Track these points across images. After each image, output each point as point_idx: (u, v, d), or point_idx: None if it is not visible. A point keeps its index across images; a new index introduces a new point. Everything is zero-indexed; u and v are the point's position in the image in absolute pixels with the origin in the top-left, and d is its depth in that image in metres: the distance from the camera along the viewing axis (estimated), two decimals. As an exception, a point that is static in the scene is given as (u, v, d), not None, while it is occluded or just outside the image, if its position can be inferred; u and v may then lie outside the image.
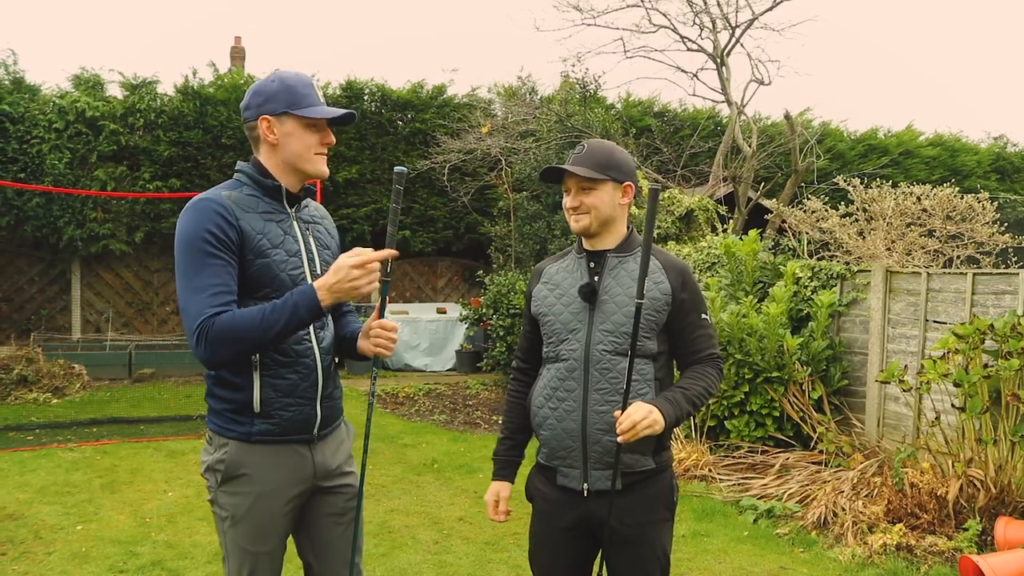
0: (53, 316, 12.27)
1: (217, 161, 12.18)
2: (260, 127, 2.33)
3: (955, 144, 16.36)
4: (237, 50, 14.55)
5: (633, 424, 2.19)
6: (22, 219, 11.43)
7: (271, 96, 2.31)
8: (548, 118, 11.32)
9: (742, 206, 10.68)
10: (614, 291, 2.43)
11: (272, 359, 2.29)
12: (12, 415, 8.38)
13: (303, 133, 2.32)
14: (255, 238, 2.25)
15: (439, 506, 5.69)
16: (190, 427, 8.01)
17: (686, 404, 2.35)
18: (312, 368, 2.35)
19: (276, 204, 2.36)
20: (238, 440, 2.32)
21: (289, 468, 2.36)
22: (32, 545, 4.80)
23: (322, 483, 2.43)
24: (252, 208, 2.29)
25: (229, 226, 2.20)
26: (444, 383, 10.85)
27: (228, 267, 2.19)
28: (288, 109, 2.30)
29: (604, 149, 2.46)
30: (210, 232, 2.17)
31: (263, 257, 2.26)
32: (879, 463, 5.64)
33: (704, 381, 2.44)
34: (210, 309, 2.13)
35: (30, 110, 11.43)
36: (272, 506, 2.34)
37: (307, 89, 2.33)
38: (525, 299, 2.66)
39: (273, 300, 2.21)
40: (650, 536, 2.45)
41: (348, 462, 2.54)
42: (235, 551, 2.37)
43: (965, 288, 5.66)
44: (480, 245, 13.03)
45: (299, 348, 2.33)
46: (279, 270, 2.28)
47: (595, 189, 2.43)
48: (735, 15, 12.06)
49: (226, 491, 2.35)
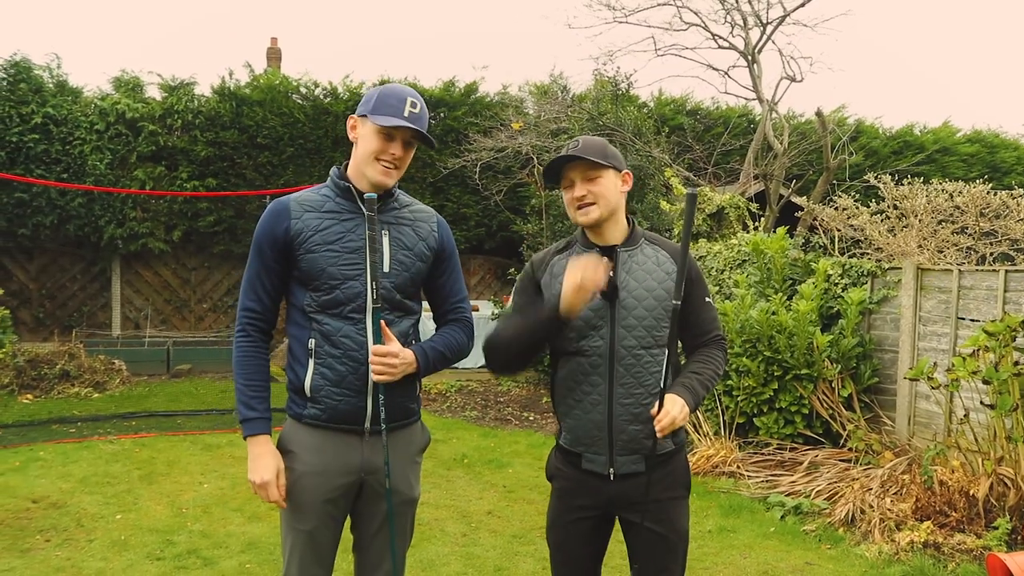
0: (94, 313, 12.55)
1: (253, 160, 12.37)
2: (348, 125, 2.53)
3: (994, 140, 16.06)
4: (273, 51, 14.76)
5: (673, 420, 2.27)
6: (65, 218, 11.70)
7: (367, 99, 2.46)
8: (580, 116, 11.34)
9: (773, 204, 10.63)
10: (631, 286, 2.48)
11: (324, 350, 2.42)
12: (55, 408, 8.62)
13: (373, 137, 2.43)
14: (306, 235, 2.42)
15: (468, 500, 5.77)
16: (226, 421, 8.17)
17: (702, 390, 2.44)
18: (361, 362, 2.42)
19: (348, 204, 2.48)
20: (292, 418, 2.50)
21: (334, 455, 2.45)
22: (74, 532, 4.96)
23: (370, 478, 2.49)
24: (316, 207, 2.46)
25: (279, 228, 2.43)
26: (476, 380, 10.93)
27: (269, 269, 2.46)
28: (368, 113, 2.42)
29: (598, 141, 2.51)
30: (263, 235, 2.46)
31: (311, 252, 2.41)
32: (909, 461, 5.61)
33: (713, 364, 2.52)
34: (245, 306, 2.49)
35: (73, 112, 11.69)
36: (312, 487, 2.44)
37: (396, 101, 2.42)
38: (525, 286, 2.62)
39: (331, 296, 2.43)
40: (670, 514, 2.51)
41: (408, 466, 2.57)
42: (284, 524, 2.52)
43: (997, 285, 5.61)
44: (512, 243, 13.07)
45: (348, 341, 2.42)
46: (327, 264, 2.41)
47: (600, 177, 2.47)
48: (766, 12, 12.02)
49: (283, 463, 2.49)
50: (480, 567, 4.56)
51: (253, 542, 4.83)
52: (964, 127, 16.15)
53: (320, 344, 2.42)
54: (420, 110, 2.45)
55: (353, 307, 2.42)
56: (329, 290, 2.41)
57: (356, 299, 2.42)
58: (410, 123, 2.40)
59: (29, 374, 9.47)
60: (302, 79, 12.80)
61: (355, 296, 2.42)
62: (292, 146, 12.43)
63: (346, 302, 2.42)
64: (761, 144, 11.89)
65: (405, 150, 2.47)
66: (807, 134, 12.65)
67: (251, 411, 2.43)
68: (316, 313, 2.43)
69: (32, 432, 7.55)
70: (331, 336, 2.41)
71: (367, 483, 2.50)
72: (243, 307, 2.48)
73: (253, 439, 2.42)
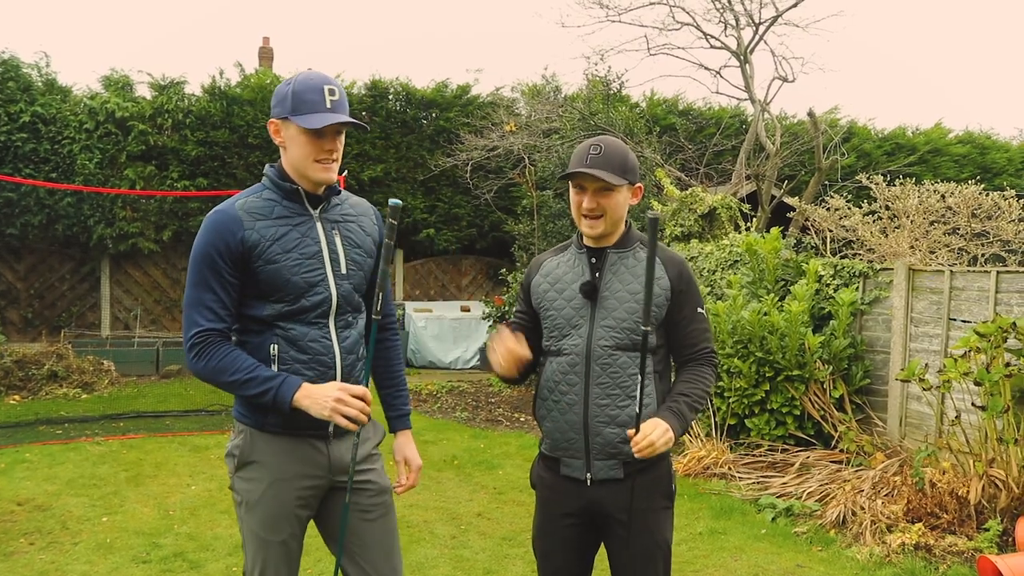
0: (83, 313, 12.47)
1: (244, 160, 12.31)
2: (269, 129, 2.39)
3: (985, 142, 16.12)
4: (265, 51, 14.68)
5: (651, 444, 2.24)
6: (54, 218, 11.62)
7: (281, 99, 2.32)
8: (571, 116, 11.33)
9: (765, 204, 10.61)
10: (615, 287, 2.46)
11: (290, 355, 2.33)
12: (43, 409, 8.56)
13: (302, 140, 2.30)
14: (263, 245, 2.29)
15: (458, 502, 5.73)
16: (215, 422, 8.12)
17: (689, 413, 2.41)
18: (330, 367, 2.38)
19: (296, 207, 2.38)
20: (252, 428, 2.39)
21: (301, 459, 2.39)
22: (59, 535, 4.90)
23: (339, 478, 2.44)
24: (266, 214, 2.33)
25: (233, 239, 2.27)
26: (467, 380, 10.90)
27: (225, 284, 2.29)
28: (289, 115, 2.30)
29: (620, 151, 2.45)
30: (213, 248, 2.28)
31: (272, 263, 2.30)
32: (900, 462, 5.60)
33: (702, 383, 2.48)
34: (199, 325, 2.27)
35: (62, 111, 11.61)
36: (283, 495, 2.37)
37: (313, 95, 2.29)
38: (522, 289, 2.67)
39: (278, 343, 2.33)
40: (650, 524, 2.47)
41: (371, 459, 2.52)
42: (250, 538, 2.41)
43: (989, 286, 5.60)
44: (504, 243, 13.05)
45: (316, 346, 2.36)
46: (291, 274, 2.31)
47: (614, 192, 2.44)
48: (759, 12, 12.00)
49: (241, 476, 2.41)
50: (469, 569, 4.52)
51: (240, 545, 4.77)
52: (957, 128, 16.20)
53: (285, 350, 2.33)
54: (339, 95, 2.32)
55: (318, 313, 2.36)
56: (294, 300, 2.32)
57: (321, 305, 2.36)
58: (336, 115, 2.30)
59: (16, 375, 9.41)
60: (293, 79, 12.72)
61: (320, 303, 2.36)
62: (283, 146, 12.35)
63: (312, 308, 2.35)
64: (753, 144, 11.88)
65: (338, 139, 2.36)
66: (799, 135, 12.65)
67: (274, 378, 2.27)
68: (278, 320, 2.33)
69: (18, 433, 7.49)
70: (297, 341, 2.33)
71: (336, 484, 2.44)
72: (201, 328, 2.27)
73: (297, 395, 2.25)
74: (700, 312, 2.53)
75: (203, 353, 2.27)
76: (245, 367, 2.26)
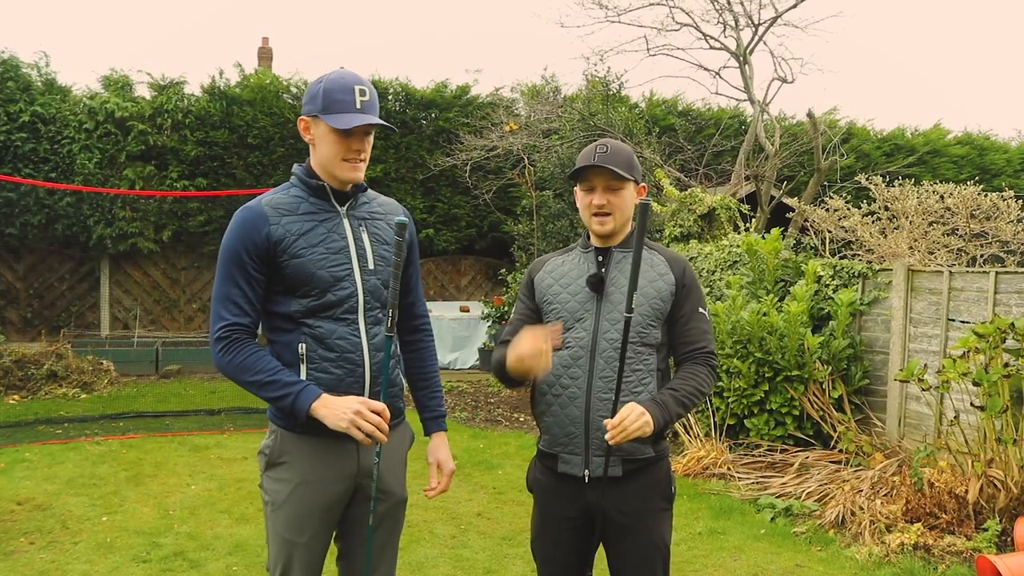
0: (83, 313, 12.47)
1: (243, 160, 12.32)
2: (299, 127, 2.41)
3: (984, 143, 16.14)
4: (265, 51, 14.69)
5: (624, 427, 2.22)
6: (53, 218, 11.63)
7: (312, 97, 2.34)
8: (571, 116, 11.33)
9: (765, 205, 10.62)
10: (620, 282, 2.48)
11: (318, 354, 2.33)
12: (42, 409, 8.56)
13: (331, 139, 2.33)
14: (289, 240, 2.31)
15: (457, 502, 5.73)
16: (214, 422, 8.12)
17: (675, 407, 2.38)
18: (358, 364, 2.36)
19: (322, 203, 2.40)
20: (284, 429, 2.39)
21: (331, 461, 2.37)
22: (59, 535, 4.91)
23: (365, 481, 2.42)
24: (292, 210, 2.35)
25: (259, 235, 2.29)
26: (467, 381, 10.91)
27: (251, 279, 2.31)
28: (319, 113, 2.32)
29: (625, 150, 2.50)
30: (239, 244, 2.30)
31: (297, 257, 2.31)
32: (899, 462, 5.61)
33: (695, 380, 2.45)
34: (225, 319, 2.30)
35: (61, 111, 11.63)
36: (311, 497, 2.36)
37: (344, 95, 2.30)
38: (525, 286, 2.67)
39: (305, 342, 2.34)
40: (648, 525, 2.48)
41: (400, 466, 2.54)
42: (275, 538, 2.41)
43: (988, 287, 5.61)
44: (503, 243, 13.06)
45: (343, 343, 2.35)
46: (316, 268, 2.32)
47: (622, 189, 2.47)
48: (758, 13, 12.02)
49: (270, 476, 2.41)
50: (469, 569, 4.53)
51: (240, 544, 4.79)
52: (956, 129, 16.19)
53: (313, 348, 2.33)
54: (370, 96, 2.34)
55: (345, 308, 2.36)
56: (320, 294, 2.32)
57: (348, 300, 2.36)
58: (366, 116, 2.31)
59: (16, 374, 9.40)
60: (292, 79, 12.76)
61: (347, 297, 2.36)
62: (282, 146, 12.38)
63: (338, 304, 2.35)
64: (752, 145, 11.89)
65: (367, 139, 2.38)
66: (798, 135, 12.67)
67: (294, 384, 2.26)
68: (306, 317, 2.34)
69: (18, 433, 7.49)
70: (325, 339, 2.33)
71: (361, 487, 2.43)
72: (228, 323, 2.29)
73: (315, 403, 2.23)
74: (701, 312, 2.53)
75: (229, 348, 2.28)
76: (268, 368, 2.27)
